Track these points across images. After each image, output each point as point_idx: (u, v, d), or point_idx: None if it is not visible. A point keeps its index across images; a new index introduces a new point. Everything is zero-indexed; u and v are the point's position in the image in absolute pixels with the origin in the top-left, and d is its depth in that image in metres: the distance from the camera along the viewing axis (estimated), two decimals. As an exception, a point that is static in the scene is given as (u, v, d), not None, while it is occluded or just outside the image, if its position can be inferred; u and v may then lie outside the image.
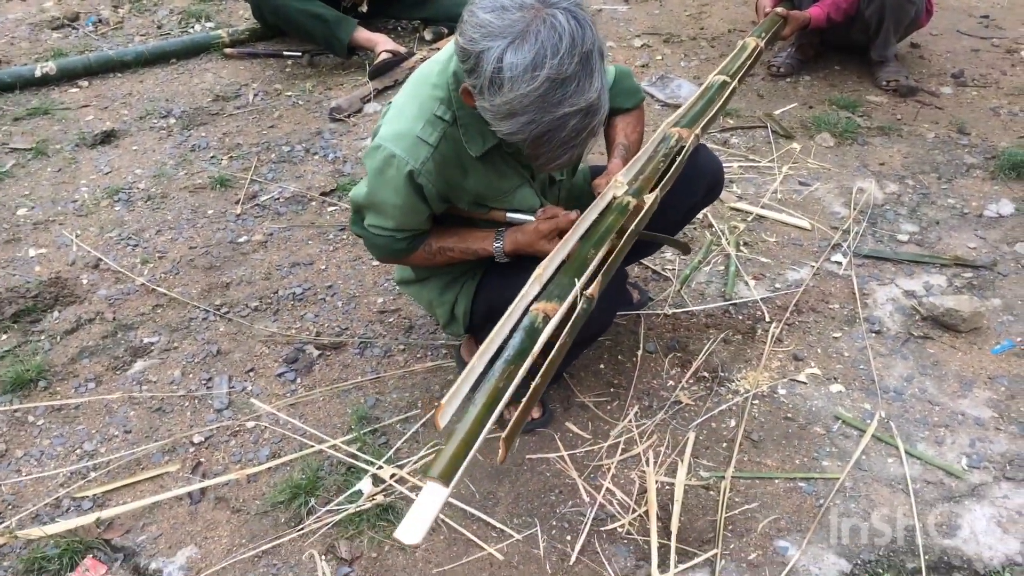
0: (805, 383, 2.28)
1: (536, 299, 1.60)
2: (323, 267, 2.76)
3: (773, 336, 2.41)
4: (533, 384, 1.47)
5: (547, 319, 1.55)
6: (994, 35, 4.00)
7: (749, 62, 2.95)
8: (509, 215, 1.95)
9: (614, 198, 1.85)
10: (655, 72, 3.79)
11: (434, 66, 1.82)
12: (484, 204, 1.94)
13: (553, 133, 1.54)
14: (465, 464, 1.31)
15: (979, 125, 3.33)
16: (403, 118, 1.78)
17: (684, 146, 2.09)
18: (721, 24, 4.22)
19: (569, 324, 1.56)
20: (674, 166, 1.98)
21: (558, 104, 1.50)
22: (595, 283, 1.64)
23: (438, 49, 3.99)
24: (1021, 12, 4.20)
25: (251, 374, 2.38)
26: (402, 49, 3.85)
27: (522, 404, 1.45)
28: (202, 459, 2.14)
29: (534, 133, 1.54)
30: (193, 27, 4.30)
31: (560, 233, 1.86)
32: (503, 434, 1.40)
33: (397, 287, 2.38)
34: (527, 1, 1.49)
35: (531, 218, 1.94)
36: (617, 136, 2.04)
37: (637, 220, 1.80)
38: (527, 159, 1.76)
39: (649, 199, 1.85)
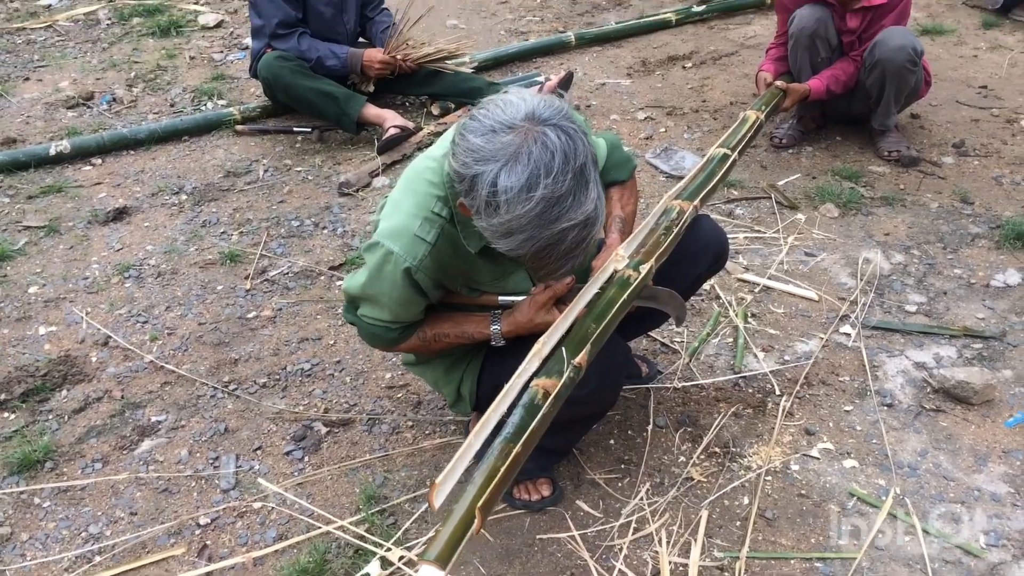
0: (818, 458, 2.25)
1: (536, 375, 1.60)
2: (331, 342, 2.77)
3: (784, 410, 2.40)
4: (513, 451, 1.44)
5: (547, 395, 1.54)
6: (993, 105, 4.05)
7: (750, 134, 3.00)
8: (502, 298, 1.96)
9: (615, 272, 1.87)
10: (659, 144, 3.85)
11: (429, 162, 1.84)
12: (477, 288, 1.95)
13: (553, 247, 1.56)
14: (462, 546, 1.30)
15: (982, 194, 3.36)
16: (400, 214, 1.80)
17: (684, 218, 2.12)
18: (723, 97, 4.29)
19: (554, 394, 1.55)
20: (672, 235, 2.00)
21: (556, 220, 1.51)
22: (583, 352, 1.63)
23: (445, 124, 4.08)
24: (1019, 82, 4.27)
25: (258, 452, 2.36)
26: (410, 124, 3.92)
27: (500, 473, 1.41)
28: (208, 541, 2.11)
29: (533, 248, 1.56)
30: (205, 105, 4.39)
31: (558, 301, 1.87)
32: (479, 503, 1.36)
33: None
34: (516, 122, 1.51)
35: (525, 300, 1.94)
36: (613, 209, 2.06)
37: (629, 291, 1.80)
38: (530, 270, 1.77)
39: (644, 268, 1.85)
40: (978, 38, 4.82)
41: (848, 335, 2.67)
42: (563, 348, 1.64)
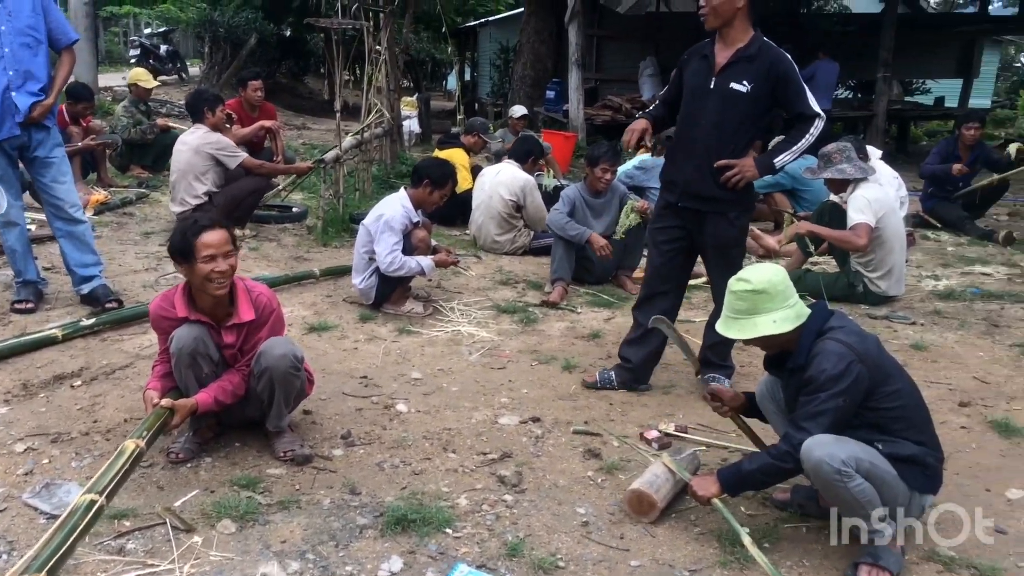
0: None
1: None
2: None
3: None
4: None
5: None
6: (373, 393, 4.54)
7: (127, 467, 2.88)
8: None
9: None
10: (40, 479, 3.47)
11: None
12: None
13: None
14: None
15: (368, 482, 3.64)
16: None
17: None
18: (117, 414, 4.11)
19: None
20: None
21: None
22: None
23: None
24: (393, 369, 4.88)
25: None
26: None
27: None
28: None
29: None
30: None
31: None
32: None
33: None
34: None
35: None
36: None
37: None
38: None
39: None
40: (358, 331, 5.46)
41: (248, 667, 2.56)
42: None
